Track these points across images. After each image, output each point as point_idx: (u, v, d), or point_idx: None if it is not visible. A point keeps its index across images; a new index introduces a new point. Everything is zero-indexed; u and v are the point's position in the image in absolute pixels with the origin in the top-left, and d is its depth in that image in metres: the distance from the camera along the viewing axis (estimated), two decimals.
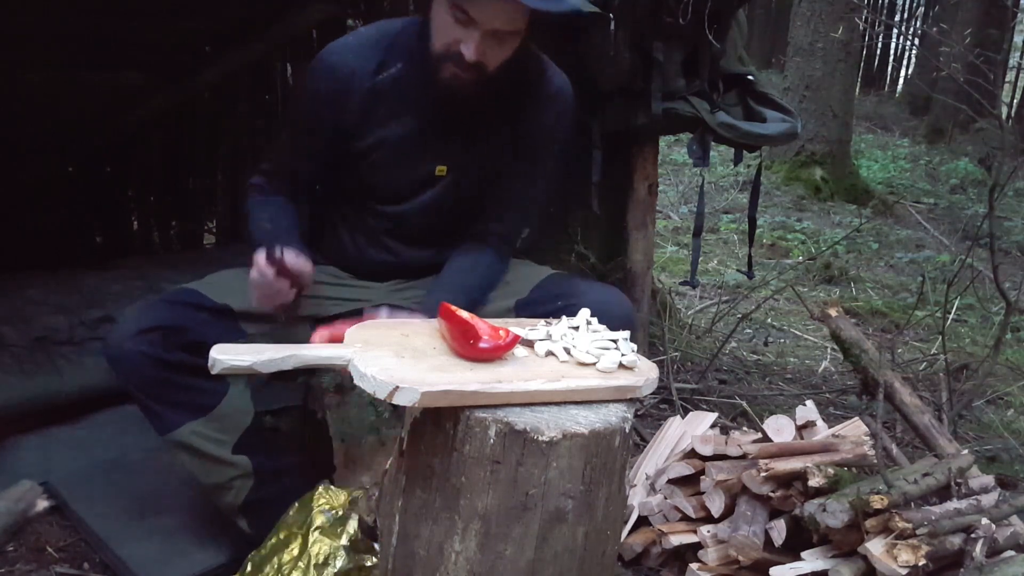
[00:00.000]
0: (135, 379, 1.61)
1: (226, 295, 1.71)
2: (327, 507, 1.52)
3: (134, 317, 1.63)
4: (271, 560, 1.49)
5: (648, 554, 1.87)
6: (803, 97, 7.71)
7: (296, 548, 1.49)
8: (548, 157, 1.83)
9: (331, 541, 1.48)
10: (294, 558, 1.47)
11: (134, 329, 1.59)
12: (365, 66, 1.69)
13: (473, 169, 1.76)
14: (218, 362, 1.22)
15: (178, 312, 1.64)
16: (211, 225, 3.54)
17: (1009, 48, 11.25)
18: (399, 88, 1.70)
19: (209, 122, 3.36)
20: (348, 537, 1.48)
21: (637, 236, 2.85)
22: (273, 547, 1.52)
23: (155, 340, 1.59)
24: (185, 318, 1.64)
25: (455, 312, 1.32)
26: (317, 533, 1.49)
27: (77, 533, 1.91)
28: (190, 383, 1.62)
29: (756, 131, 2.63)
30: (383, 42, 1.72)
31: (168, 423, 1.64)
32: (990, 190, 2.97)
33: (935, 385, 3.09)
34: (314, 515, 1.51)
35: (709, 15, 2.43)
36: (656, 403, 2.89)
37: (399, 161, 1.73)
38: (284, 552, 1.49)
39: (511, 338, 1.30)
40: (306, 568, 1.46)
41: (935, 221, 7.34)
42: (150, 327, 1.60)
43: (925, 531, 1.59)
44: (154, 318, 1.61)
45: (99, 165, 3.32)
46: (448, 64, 1.58)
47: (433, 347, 1.35)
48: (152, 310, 1.64)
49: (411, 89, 1.69)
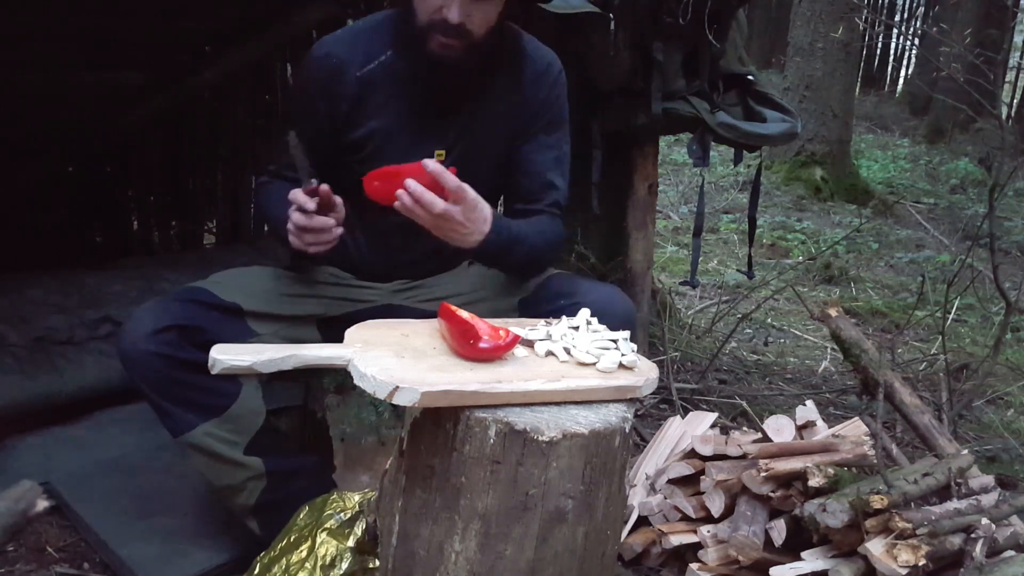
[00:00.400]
0: (150, 379, 1.59)
1: (235, 294, 1.70)
2: (338, 509, 1.52)
3: (148, 316, 1.60)
4: (279, 561, 1.50)
5: (648, 554, 1.87)
6: (803, 97, 7.70)
7: (305, 549, 1.49)
8: (560, 122, 1.83)
9: (338, 543, 1.48)
10: (302, 559, 1.48)
11: (149, 328, 1.57)
12: (353, 57, 1.70)
13: (473, 151, 1.76)
14: (218, 362, 1.23)
15: (191, 311, 1.62)
16: (211, 225, 3.54)
17: (1009, 48, 11.25)
18: (389, 75, 1.71)
19: (209, 122, 3.35)
20: (355, 539, 1.48)
21: (637, 236, 2.85)
22: (283, 549, 1.52)
23: (170, 340, 1.57)
24: (199, 317, 1.62)
25: (455, 312, 1.32)
26: (325, 535, 1.49)
27: (77, 533, 1.91)
28: (204, 383, 1.59)
29: (756, 131, 2.63)
30: (370, 32, 1.74)
31: (182, 424, 1.62)
32: (990, 190, 2.97)
33: (935, 385, 3.09)
34: (323, 517, 1.51)
35: (709, 15, 2.43)
36: (656, 403, 2.89)
37: (395, 149, 1.72)
38: (293, 553, 1.49)
39: (511, 338, 1.30)
40: (312, 569, 1.46)
41: (935, 221, 7.34)
42: (165, 326, 1.57)
43: (925, 531, 1.59)
44: (169, 317, 1.59)
45: (99, 165, 3.31)
46: (435, 35, 1.60)
47: (433, 347, 1.35)
48: (166, 309, 1.61)
49: (401, 74, 1.70)
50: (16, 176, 3.06)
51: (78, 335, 2.37)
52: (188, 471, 2.08)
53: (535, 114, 1.78)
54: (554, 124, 1.81)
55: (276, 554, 1.52)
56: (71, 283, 2.55)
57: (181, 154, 3.39)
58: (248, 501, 1.72)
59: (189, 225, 3.47)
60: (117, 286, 2.59)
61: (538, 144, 1.79)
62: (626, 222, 2.84)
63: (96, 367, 2.29)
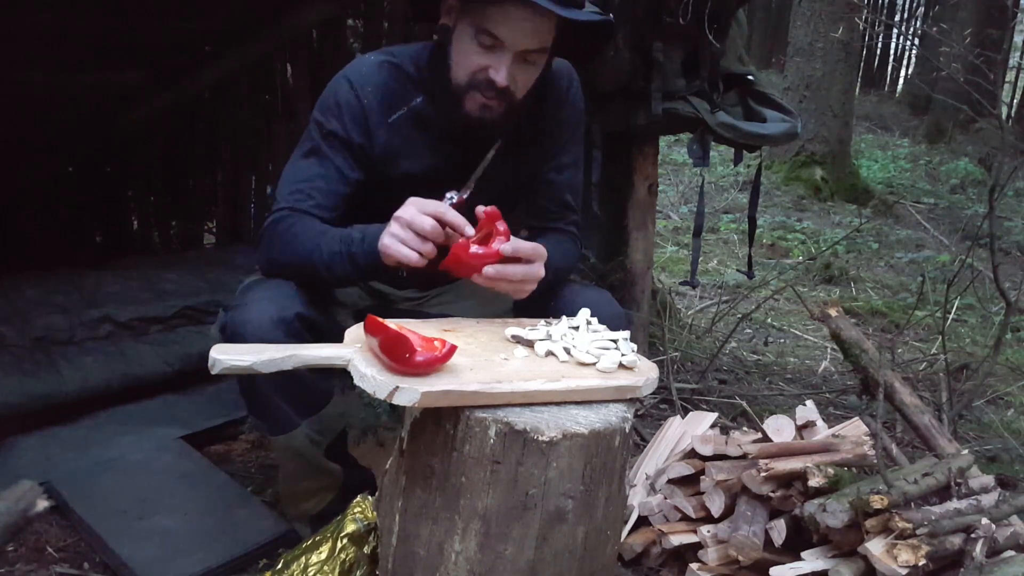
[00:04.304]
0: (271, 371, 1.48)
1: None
2: (360, 516, 1.52)
3: (270, 304, 1.49)
4: (300, 559, 1.50)
5: (648, 554, 1.87)
6: (803, 97, 7.71)
7: (325, 551, 1.49)
8: (578, 137, 1.81)
9: (357, 549, 1.48)
10: (321, 561, 1.48)
11: (275, 316, 1.47)
12: (383, 102, 1.62)
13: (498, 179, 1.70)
14: (218, 362, 1.22)
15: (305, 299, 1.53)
16: (211, 225, 3.54)
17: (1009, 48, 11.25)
18: (420, 122, 1.65)
19: (209, 122, 3.36)
20: (370, 547, 1.48)
21: (637, 236, 2.85)
22: (306, 548, 1.52)
23: (297, 330, 1.48)
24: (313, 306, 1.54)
25: (384, 324, 1.24)
26: (346, 540, 1.49)
27: (77, 533, 1.91)
28: (310, 378, 1.53)
29: (756, 131, 2.63)
30: (401, 74, 1.65)
31: (286, 422, 1.57)
32: (990, 190, 2.97)
33: (935, 385, 3.09)
34: (347, 523, 1.51)
35: (709, 15, 2.43)
36: (656, 403, 2.89)
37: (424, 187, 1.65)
38: (313, 554, 1.50)
39: (447, 349, 1.25)
40: (331, 572, 1.46)
41: (935, 221, 7.34)
42: (295, 315, 1.49)
43: (925, 531, 1.59)
44: (296, 304, 1.50)
45: (99, 165, 3.31)
46: (475, 94, 1.53)
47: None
48: (288, 296, 1.52)
49: (432, 121, 1.65)
50: (16, 176, 3.07)
51: (78, 335, 2.36)
52: (188, 471, 2.09)
53: (558, 135, 1.75)
54: (575, 139, 1.79)
55: (298, 552, 1.53)
56: (71, 283, 2.55)
57: (181, 154, 3.39)
58: (314, 509, 1.70)
59: (189, 225, 3.48)
60: (117, 286, 2.59)
61: (559, 165, 1.76)
62: (626, 222, 2.84)
63: (96, 367, 2.29)
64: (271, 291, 1.54)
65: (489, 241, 1.42)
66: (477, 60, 1.51)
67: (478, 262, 1.41)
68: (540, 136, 1.73)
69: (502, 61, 1.50)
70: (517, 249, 1.42)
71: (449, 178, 1.62)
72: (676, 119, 2.59)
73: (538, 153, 1.75)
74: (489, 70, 1.51)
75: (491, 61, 1.50)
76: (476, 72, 1.52)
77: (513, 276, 1.43)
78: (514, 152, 1.69)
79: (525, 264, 1.44)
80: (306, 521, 1.75)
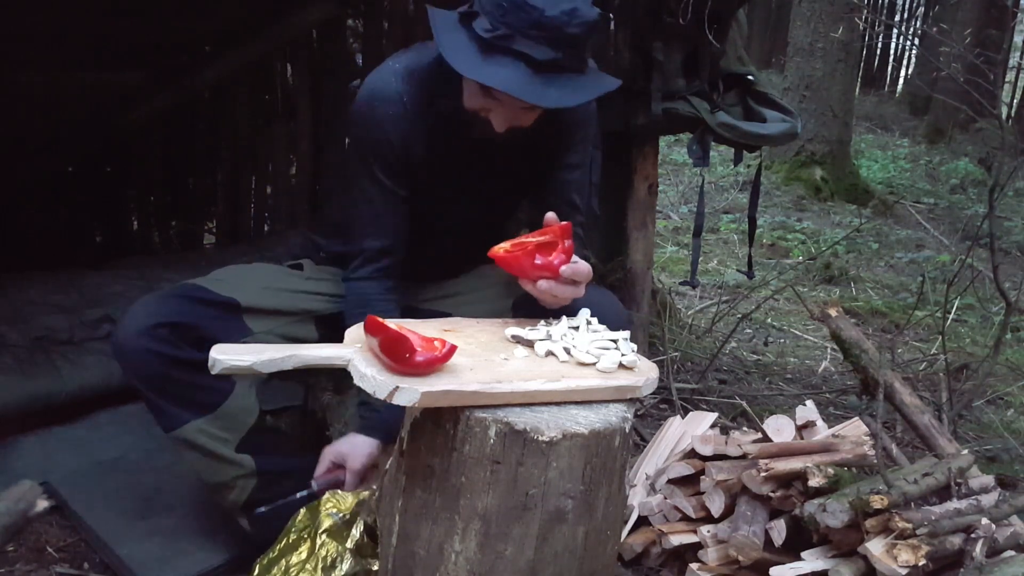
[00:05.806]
0: (142, 375, 1.61)
1: (233, 290, 1.70)
2: (335, 510, 1.52)
3: (142, 312, 1.62)
4: (279, 562, 1.50)
5: (648, 554, 1.87)
6: (803, 97, 7.70)
7: (304, 551, 1.49)
8: (590, 136, 1.82)
9: (338, 544, 1.48)
10: (302, 561, 1.48)
11: (144, 324, 1.59)
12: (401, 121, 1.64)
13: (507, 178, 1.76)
14: (218, 362, 1.22)
15: (186, 307, 1.63)
16: (211, 225, 3.54)
17: (1009, 48, 11.25)
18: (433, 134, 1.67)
19: (209, 122, 3.36)
20: (353, 541, 1.48)
21: (637, 236, 2.85)
22: (282, 550, 1.53)
23: (164, 336, 1.59)
24: (193, 313, 1.63)
25: (385, 325, 1.24)
26: (325, 536, 1.49)
27: (77, 533, 1.91)
28: (197, 380, 1.61)
29: (756, 131, 2.63)
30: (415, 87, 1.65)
31: (174, 420, 1.64)
32: (990, 190, 2.97)
33: (935, 385, 3.09)
34: (322, 518, 1.51)
35: (709, 15, 2.43)
36: (656, 403, 2.89)
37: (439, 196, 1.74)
38: (293, 555, 1.50)
39: (447, 349, 1.25)
40: (313, 570, 1.46)
41: (935, 221, 7.33)
42: (160, 323, 1.59)
43: (925, 531, 1.59)
44: (164, 313, 1.61)
45: (99, 165, 3.32)
46: (480, 123, 1.57)
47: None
48: (161, 305, 1.63)
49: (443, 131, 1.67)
50: (16, 176, 3.07)
51: (78, 335, 2.37)
52: (187, 471, 2.08)
53: (569, 135, 1.76)
54: (585, 139, 1.80)
55: (275, 555, 1.53)
56: (71, 283, 2.55)
57: (181, 154, 3.39)
58: (239, 498, 1.73)
59: (189, 225, 3.48)
60: (117, 286, 2.59)
61: (568, 164, 1.77)
62: (626, 222, 2.84)
63: (96, 367, 2.29)
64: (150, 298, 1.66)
65: (550, 251, 1.45)
66: (479, 101, 1.53)
67: (535, 272, 1.45)
68: (552, 133, 1.74)
69: (500, 113, 1.53)
70: (575, 272, 1.46)
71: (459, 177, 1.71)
72: (676, 119, 2.59)
73: (551, 150, 1.76)
74: (490, 114, 1.54)
75: (492, 107, 1.53)
76: (479, 111, 1.55)
77: (562, 296, 1.46)
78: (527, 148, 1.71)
79: (574, 286, 1.48)
80: (240, 513, 1.76)
